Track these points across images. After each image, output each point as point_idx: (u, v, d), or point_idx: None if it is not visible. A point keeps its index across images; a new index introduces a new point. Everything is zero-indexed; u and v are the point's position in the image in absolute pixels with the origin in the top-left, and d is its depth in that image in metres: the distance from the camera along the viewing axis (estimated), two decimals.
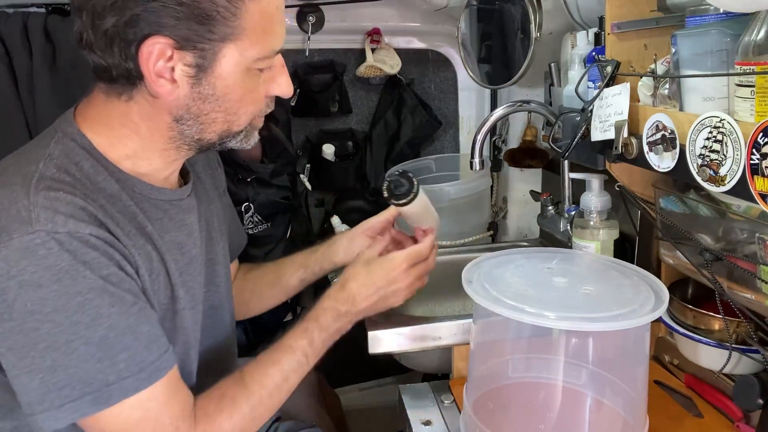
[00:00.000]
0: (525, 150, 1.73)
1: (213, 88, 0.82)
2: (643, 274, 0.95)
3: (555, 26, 1.36)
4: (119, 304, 0.78)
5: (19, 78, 1.52)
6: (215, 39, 0.79)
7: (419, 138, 1.99)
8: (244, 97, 0.85)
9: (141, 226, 0.86)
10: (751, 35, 0.70)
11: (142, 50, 0.78)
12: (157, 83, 0.80)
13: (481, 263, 0.99)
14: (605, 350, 0.93)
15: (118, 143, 0.87)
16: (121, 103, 0.85)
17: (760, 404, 0.87)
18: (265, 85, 0.88)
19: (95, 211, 0.79)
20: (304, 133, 1.97)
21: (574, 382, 0.92)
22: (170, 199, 0.93)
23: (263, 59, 0.84)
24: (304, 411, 1.27)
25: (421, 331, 1.17)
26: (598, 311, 0.83)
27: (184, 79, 0.81)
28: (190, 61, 0.80)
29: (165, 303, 0.89)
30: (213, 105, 0.84)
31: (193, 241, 0.95)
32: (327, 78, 1.87)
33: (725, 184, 0.73)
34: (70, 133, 0.85)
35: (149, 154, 0.88)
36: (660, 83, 0.90)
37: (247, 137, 0.91)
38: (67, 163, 0.82)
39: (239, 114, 0.87)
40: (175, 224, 0.93)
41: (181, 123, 0.85)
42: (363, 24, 1.88)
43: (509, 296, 0.86)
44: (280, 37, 0.86)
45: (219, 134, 0.88)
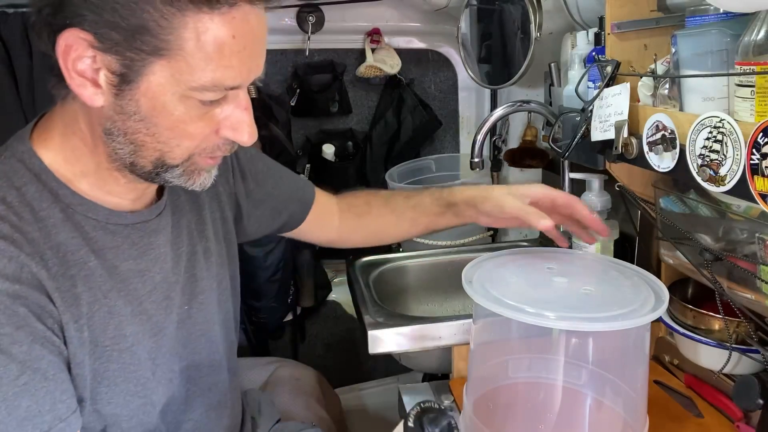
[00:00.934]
0: (525, 150, 1.73)
1: (137, 106, 0.73)
2: (643, 274, 0.95)
3: (555, 26, 1.36)
4: (0, 373, 0.70)
5: (19, 78, 1.52)
6: (144, 50, 0.70)
7: (419, 138, 1.99)
8: (176, 127, 0.75)
9: (81, 262, 0.79)
10: (751, 35, 0.70)
11: (59, 41, 0.70)
12: (76, 83, 0.72)
13: (481, 263, 0.98)
14: (605, 350, 0.93)
15: (73, 158, 0.80)
16: (66, 106, 0.79)
17: (760, 404, 0.87)
18: (217, 124, 0.77)
19: (16, 253, 0.72)
20: (304, 133, 1.98)
21: (574, 382, 0.92)
22: (132, 222, 0.85)
23: (205, 90, 0.73)
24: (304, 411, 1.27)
25: (421, 331, 1.17)
26: (598, 311, 0.83)
27: (107, 86, 0.72)
28: (114, 68, 0.71)
29: (107, 344, 0.81)
30: (139, 125, 0.74)
31: (159, 266, 0.88)
32: (327, 78, 1.88)
33: (725, 184, 0.73)
34: (19, 153, 0.79)
35: (101, 173, 0.81)
36: (660, 83, 0.90)
37: (189, 176, 0.80)
38: (5, 188, 0.76)
39: (171, 145, 0.76)
40: (138, 250, 0.85)
41: (111, 138, 0.76)
42: (363, 24, 1.88)
43: (509, 296, 0.85)
44: (239, 73, 0.73)
45: (153, 163, 0.78)
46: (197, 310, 0.95)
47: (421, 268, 1.58)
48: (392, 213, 1.19)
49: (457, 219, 1.16)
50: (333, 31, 1.83)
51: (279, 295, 1.85)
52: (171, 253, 0.91)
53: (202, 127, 0.76)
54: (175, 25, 0.69)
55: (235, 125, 0.78)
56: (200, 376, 0.96)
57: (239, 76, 0.74)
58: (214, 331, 0.98)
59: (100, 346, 0.81)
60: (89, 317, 0.79)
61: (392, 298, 1.47)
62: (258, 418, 1.15)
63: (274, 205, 1.13)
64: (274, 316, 1.91)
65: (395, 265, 1.56)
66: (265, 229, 1.15)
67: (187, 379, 0.95)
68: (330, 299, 2.07)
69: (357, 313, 1.29)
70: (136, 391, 0.85)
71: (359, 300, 1.31)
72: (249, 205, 1.10)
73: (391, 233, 1.24)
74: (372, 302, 1.28)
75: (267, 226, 1.15)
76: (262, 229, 1.15)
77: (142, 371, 0.85)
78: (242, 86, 0.76)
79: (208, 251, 0.98)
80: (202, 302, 0.96)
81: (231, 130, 0.78)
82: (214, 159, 0.81)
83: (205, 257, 0.97)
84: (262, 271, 1.77)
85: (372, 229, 1.23)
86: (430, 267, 1.58)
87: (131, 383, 0.84)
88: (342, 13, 1.83)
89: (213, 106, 0.76)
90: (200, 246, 0.97)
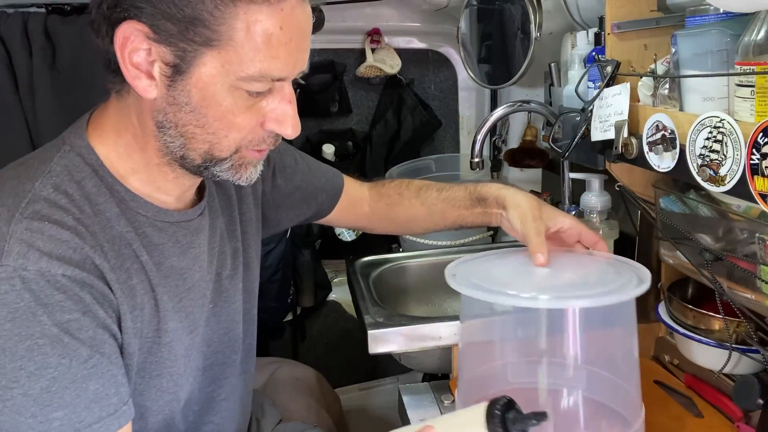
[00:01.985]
0: (525, 150, 1.73)
1: (188, 96, 0.75)
2: (624, 260, 0.95)
3: (555, 26, 1.36)
4: (71, 356, 0.72)
5: (19, 78, 1.52)
6: (197, 41, 0.72)
7: (419, 138, 1.99)
8: (224, 117, 0.77)
9: (134, 256, 0.81)
10: (751, 35, 0.70)
11: (117, 33, 0.73)
12: (132, 75, 0.75)
13: (464, 262, 0.99)
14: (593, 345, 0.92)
15: (125, 154, 0.82)
16: (121, 101, 0.81)
17: (760, 404, 0.87)
18: (263, 116, 0.80)
19: (80, 244, 0.74)
20: (304, 133, 1.98)
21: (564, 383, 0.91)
22: (178, 221, 0.87)
23: (253, 81, 0.75)
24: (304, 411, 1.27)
25: (421, 331, 1.17)
26: (582, 290, 0.84)
27: (161, 77, 0.75)
28: (168, 59, 0.74)
29: (150, 336, 0.84)
30: (189, 117, 0.77)
31: (198, 264, 0.90)
32: (327, 78, 1.88)
33: (725, 184, 0.73)
34: (77, 147, 0.81)
35: (151, 170, 0.83)
36: (660, 83, 0.90)
37: (237, 170, 0.82)
38: (67, 182, 0.78)
39: (219, 136, 0.78)
40: (180, 248, 0.88)
41: (163, 132, 0.79)
42: (363, 24, 1.88)
43: (491, 283, 0.86)
44: (285, 64, 0.76)
45: (202, 156, 0.80)
46: (221, 308, 0.97)
47: (421, 268, 1.58)
48: (423, 205, 1.19)
49: (484, 217, 1.14)
50: (333, 31, 1.83)
51: (279, 295, 1.85)
52: (207, 253, 0.93)
53: (249, 118, 0.78)
54: (227, 15, 0.71)
55: (279, 118, 0.80)
56: (224, 377, 0.98)
57: (285, 68, 0.76)
58: (236, 332, 1.00)
59: (144, 338, 0.83)
60: (141, 309, 0.82)
61: (392, 298, 1.47)
62: (261, 419, 1.15)
63: (303, 197, 1.14)
64: (274, 316, 1.91)
65: (395, 265, 1.56)
66: (294, 219, 1.18)
67: (211, 379, 0.96)
68: (330, 299, 2.07)
69: (357, 313, 1.29)
70: (168, 387, 0.87)
71: (359, 300, 1.31)
72: (278, 199, 1.11)
73: (420, 225, 1.23)
74: (372, 302, 1.27)
75: (296, 217, 1.17)
76: (291, 220, 1.17)
77: (176, 367, 0.87)
78: (288, 78, 0.78)
79: (236, 252, 1.00)
80: (225, 300, 0.97)
81: (276, 123, 0.80)
82: (260, 152, 0.83)
83: (233, 258, 0.99)
84: (262, 271, 1.75)
85: (402, 220, 1.23)
86: (430, 267, 1.58)
87: (164, 378, 0.86)
88: (342, 13, 1.83)
89: (259, 98, 0.78)
90: (229, 246, 0.99)
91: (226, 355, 0.98)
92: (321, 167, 1.19)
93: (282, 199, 1.12)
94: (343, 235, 1.98)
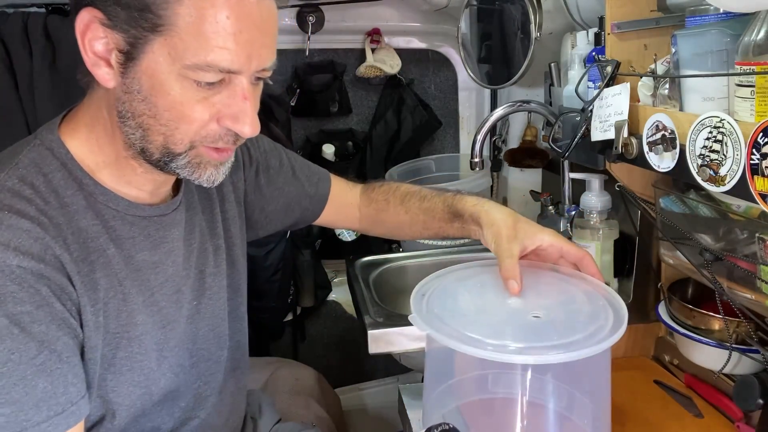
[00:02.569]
0: (525, 150, 1.73)
1: (139, 84, 0.75)
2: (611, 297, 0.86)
3: (555, 26, 1.36)
4: (20, 351, 0.70)
5: (19, 78, 1.52)
6: (145, 27, 0.72)
7: (419, 138, 1.99)
8: (173, 107, 0.75)
9: (100, 249, 0.80)
10: (751, 35, 0.70)
11: (77, 21, 0.74)
12: (91, 62, 0.75)
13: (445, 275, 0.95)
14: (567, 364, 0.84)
15: (96, 147, 0.82)
16: (92, 94, 0.82)
17: (760, 404, 0.87)
18: (216, 111, 0.77)
19: (41, 234, 0.73)
20: (304, 133, 1.98)
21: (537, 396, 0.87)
22: (150, 215, 0.87)
23: (199, 70, 0.73)
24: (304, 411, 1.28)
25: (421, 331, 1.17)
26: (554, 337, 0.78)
27: (116, 65, 0.75)
28: (121, 46, 0.74)
29: (116, 331, 0.82)
30: (143, 106, 0.76)
31: (172, 259, 0.90)
32: (327, 78, 1.88)
33: (725, 184, 0.73)
34: (48, 141, 0.81)
35: (120, 163, 0.83)
36: (660, 83, 0.90)
37: (195, 168, 0.80)
38: (33, 174, 0.78)
39: (171, 128, 0.76)
40: (151, 242, 0.87)
41: (123, 122, 0.78)
42: (363, 24, 1.88)
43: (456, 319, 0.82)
44: (235, 56, 0.73)
45: (159, 150, 0.78)
46: (205, 306, 0.96)
47: (421, 268, 1.58)
48: (407, 214, 1.17)
49: (463, 231, 1.09)
50: (333, 31, 1.83)
51: (279, 295, 1.85)
52: (183, 249, 0.92)
53: (200, 111, 0.76)
54: (172, 0, 0.71)
55: (235, 115, 0.77)
56: (210, 373, 0.97)
57: (236, 61, 0.73)
58: (222, 328, 0.99)
59: (111, 333, 0.82)
60: (105, 303, 0.81)
61: (392, 298, 1.47)
62: (258, 419, 1.15)
63: (286, 201, 1.13)
64: (274, 316, 1.91)
65: (395, 265, 1.56)
66: (278, 225, 1.16)
67: (197, 376, 0.95)
68: (330, 299, 2.07)
69: (357, 313, 1.29)
70: (139, 381, 0.86)
71: (359, 300, 1.31)
72: (261, 200, 1.10)
73: (407, 232, 1.21)
74: (372, 302, 1.27)
75: (280, 222, 1.15)
76: (274, 225, 1.15)
77: (147, 361, 0.86)
78: (242, 73, 0.75)
79: (218, 249, 0.99)
80: (210, 298, 0.97)
81: (231, 120, 0.77)
82: (219, 153, 0.81)
83: (215, 255, 0.99)
84: (262, 271, 1.77)
85: (389, 227, 1.22)
86: (430, 267, 1.57)
87: (135, 372, 0.85)
88: (342, 13, 1.83)
89: (212, 92, 0.76)
90: (210, 244, 0.98)
91: (212, 352, 0.97)
92: (308, 171, 1.17)
93: (265, 201, 1.11)
94: (343, 235, 1.98)
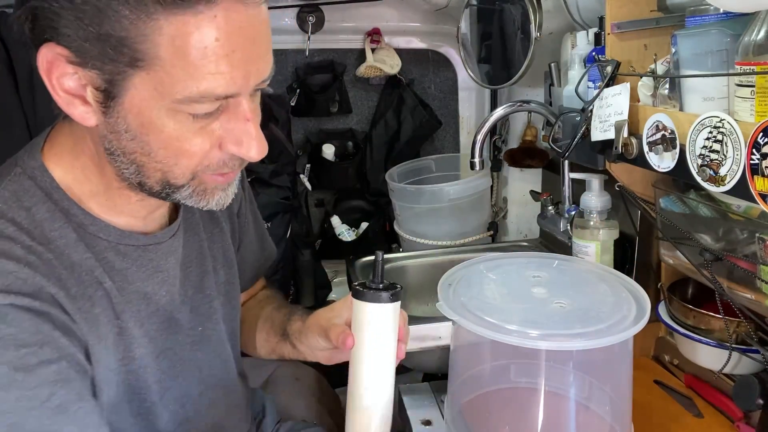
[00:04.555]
0: (525, 150, 1.73)
1: (126, 123, 0.67)
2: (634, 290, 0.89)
3: (555, 26, 1.36)
4: (28, 398, 0.63)
5: (19, 78, 1.52)
6: (121, 62, 0.64)
7: (419, 138, 1.99)
8: (170, 144, 0.68)
9: (97, 282, 0.75)
10: (751, 35, 0.70)
11: (39, 58, 0.65)
12: (65, 101, 0.67)
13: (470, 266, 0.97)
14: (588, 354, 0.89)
15: (83, 177, 0.75)
16: (74, 123, 0.72)
17: (760, 404, 0.87)
18: (218, 138, 0.70)
19: (31, 275, 0.67)
20: (304, 133, 1.98)
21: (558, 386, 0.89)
22: (144, 244, 0.80)
23: (193, 103, 0.65)
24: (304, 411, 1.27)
25: (421, 331, 1.17)
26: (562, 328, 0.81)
27: (95, 103, 0.67)
28: (97, 84, 0.66)
29: (115, 367, 0.77)
30: (133, 145, 0.68)
31: (166, 288, 0.83)
32: (327, 78, 1.88)
33: (725, 184, 0.73)
34: (30, 168, 0.74)
35: (111, 193, 0.76)
36: (660, 83, 0.90)
37: (202, 196, 0.74)
38: (15, 209, 0.71)
39: (169, 164, 0.70)
40: (145, 272, 0.80)
41: (115, 159, 0.71)
42: (363, 24, 1.88)
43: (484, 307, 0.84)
44: (231, 80, 0.65)
45: (159, 183, 0.72)
46: (212, 331, 0.92)
47: (421, 268, 1.58)
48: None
49: (296, 352, 1.00)
50: (333, 31, 1.83)
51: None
52: (180, 275, 0.86)
53: (200, 143, 0.69)
54: (148, 31, 0.62)
55: (239, 139, 0.70)
56: (218, 396, 0.93)
57: (233, 84, 0.66)
58: (226, 350, 0.95)
59: (112, 370, 0.77)
60: (105, 338, 0.75)
61: None
62: (262, 419, 1.15)
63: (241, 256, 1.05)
64: None
65: (395, 265, 1.56)
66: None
67: (209, 404, 0.91)
68: (330, 299, 2.07)
69: None
70: (140, 414, 0.81)
71: None
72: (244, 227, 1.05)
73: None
74: None
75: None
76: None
77: (147, 394, 0.82)
78: (240, 94, 0.68)
79: (216, 270, 0.95)
80: (216, 321, 0.92)
81: (235, 145, 0.70)
82: (224, 176, 0.74)
83: (215, 275, 0.94)
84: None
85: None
86: (430, 267, 1.58)
87: (135, 404, 0.81)
88: (342, 13, 1.83)
89: (210, 120, 0.69)
90: (210, 264, 0.93)
91: (223, 376, 0.94)
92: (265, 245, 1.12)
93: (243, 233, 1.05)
94: (343, 235, 1.98)
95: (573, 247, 1.22)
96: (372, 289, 0.82)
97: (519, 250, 1.59)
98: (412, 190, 1.77)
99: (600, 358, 0.88)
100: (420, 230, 1.76)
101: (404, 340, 0.88)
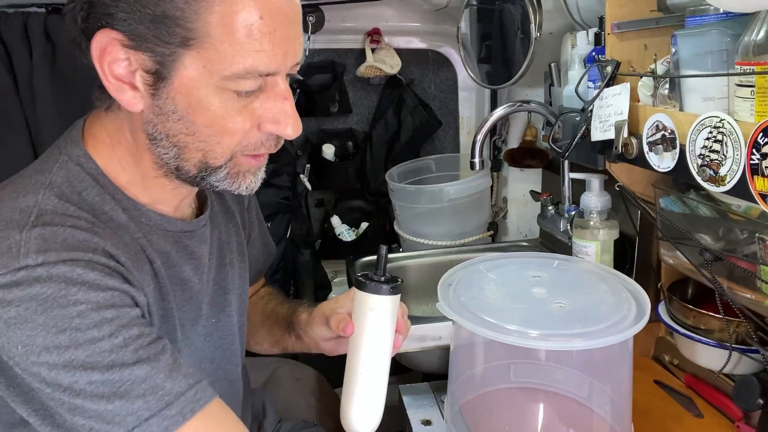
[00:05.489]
0: (525, 150, 1.73)
1: (174, 104, 0.71)
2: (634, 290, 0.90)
3: (555, 26, 1.36)
4: (123, 333, 0.68)
5: (19, 78, 1.52)
6: (173, 43, 0.68)
7: (419, 138, 1.99)
8: (215, 122, 0.72)
9: (148, 261, 0.78)
10: (751, 35, 0.70)
11: (93, 45, 0.69)
12: (115, 87, 0.71)
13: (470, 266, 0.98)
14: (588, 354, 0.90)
15: (119, 167, 0.79)
16: (112, 115, 0.77)
17: (760, 404, 0.87)
18: (257, 118, 0.75)
19: (100, 242, 0.71)
20: (304, 133, 1.97)
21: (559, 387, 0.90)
22: (183, 230, 0.84)
23: (239, 79, 0.70)
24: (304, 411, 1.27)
25: (421, 331, 1.17)
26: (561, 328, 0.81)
27: (144, 87, 0.71)
28: (148, 66, 0.70)
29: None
30: (179, 125, 0.72)
31: (198, 276, 0.86)
32: (327, 78, 1.88)
33: (725, 184, 0.73)
34: (75, 156, 0.77)
35: (147, 182, 0.79)
36: (660, 83, 0.90)
37: (235, 179, 0.78)
38: (69, 192, 0.74)
39: (212, 143, 0.73)
40: (182, 258, 0.84)
41: (155, 144, 0.75)
42: (363, 24, 1.88)
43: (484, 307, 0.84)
44: (273, 57, 0.70)
45: (196, 166, 0.75)
46: (224, 324, 0.93)
47: (421, 268, 1.58)
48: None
49: (300, 343, 1.04)
50: (333, 31, 1.83)
51: None
52: (208, 265, 0.89)
53: (242, 122, 0.73)
54: (200, 10, 0.67)
55: (276, 117, 0.75)
56: (223, 389, 0.93)
57: (274, 61, 0.71)
58: (235, 344, 0.96)
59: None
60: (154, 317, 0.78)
61: None
62: (263, 419, 1.15)
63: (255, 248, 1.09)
64: None
65: (395, 265, 1.56)
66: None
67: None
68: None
69: None
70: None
71: None
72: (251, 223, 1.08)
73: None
74: None
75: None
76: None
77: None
78: (279, 73, 0.73)
79: (232, 263, 0.97)
80: (229, 314, 0.94)
81: (273, 123, 0.75)
82: (257, 159, 0.79)
83: (231, 267, 0.96)
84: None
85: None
86: (430, 267, 1.58)
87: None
88: (342, 13, 1.83)
89: (251, 99, 0.73)
90: (228, 257, 0.95)
91: (229, 369, 0.95)
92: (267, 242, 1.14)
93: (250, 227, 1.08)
94: (343, 235, 1.98)
95: (573, 247, 1.22)
96: (374, 281, 0.85)
97: (519, 250, 1.59)
98: (412, 190, 1.77)
99: (600, 358, 0.89)
100: (420, 230, 1.76)
101: (403, 332, 0.91)
